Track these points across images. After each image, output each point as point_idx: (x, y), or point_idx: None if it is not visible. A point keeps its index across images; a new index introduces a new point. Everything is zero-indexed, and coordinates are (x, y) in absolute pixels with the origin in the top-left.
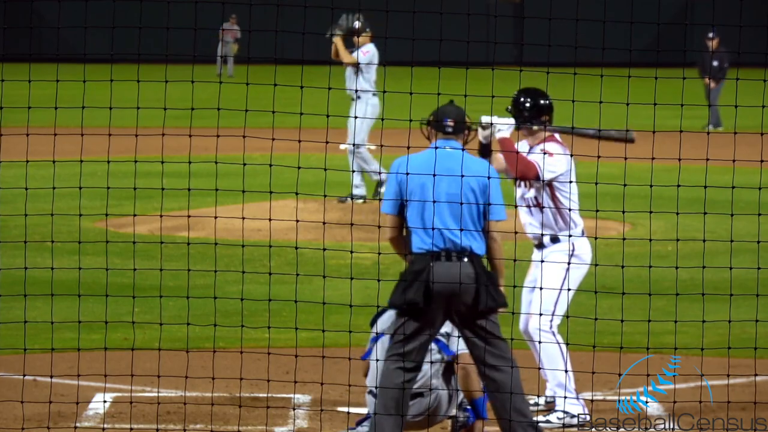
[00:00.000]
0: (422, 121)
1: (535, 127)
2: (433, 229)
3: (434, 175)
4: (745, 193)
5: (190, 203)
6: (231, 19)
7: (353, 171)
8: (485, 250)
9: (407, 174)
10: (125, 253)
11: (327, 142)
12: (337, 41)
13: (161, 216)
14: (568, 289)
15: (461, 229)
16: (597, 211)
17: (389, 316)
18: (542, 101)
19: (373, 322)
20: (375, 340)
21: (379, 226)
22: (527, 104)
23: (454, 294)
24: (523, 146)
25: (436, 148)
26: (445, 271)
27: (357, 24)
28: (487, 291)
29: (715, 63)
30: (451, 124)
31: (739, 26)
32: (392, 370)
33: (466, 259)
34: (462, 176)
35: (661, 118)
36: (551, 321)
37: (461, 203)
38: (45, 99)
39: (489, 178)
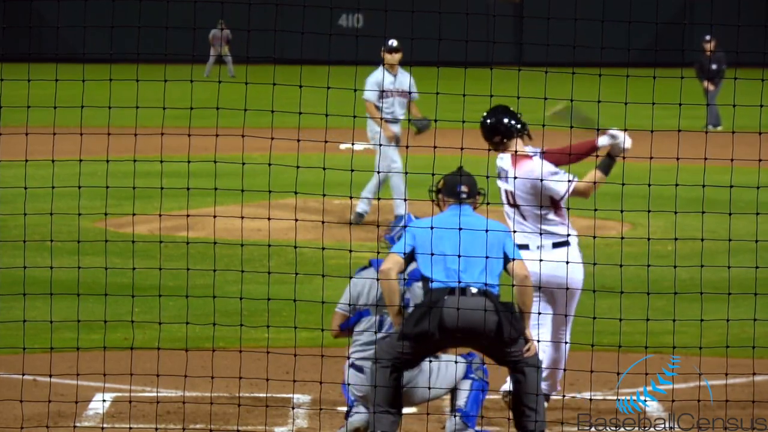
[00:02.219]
0: (431, 189)
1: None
2: (457, 255)
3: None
4: (743, 193)
5: (189, 203)
6: (220, 23)
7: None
8: (514, 293)
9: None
10: (125, 253)
11: (326, 142)
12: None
13: (160, 216)
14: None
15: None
16: (596, 210)
17: (369, 273)
18: (515, 118)
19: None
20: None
21: (378, 225)
22: (506, 121)
23: (470, 328)
24: (507, 161)
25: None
26: (461, 304)
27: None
28: (508, 320)
29: (713, 66)
30: (465, 190)
31: (737, 26)
32: (383, 370)
33: (481, 295)
34: (464, 226)
35: (659, 118)
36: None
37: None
38: (44, 99)
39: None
